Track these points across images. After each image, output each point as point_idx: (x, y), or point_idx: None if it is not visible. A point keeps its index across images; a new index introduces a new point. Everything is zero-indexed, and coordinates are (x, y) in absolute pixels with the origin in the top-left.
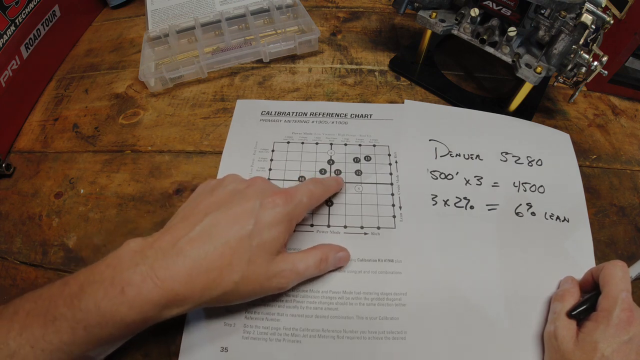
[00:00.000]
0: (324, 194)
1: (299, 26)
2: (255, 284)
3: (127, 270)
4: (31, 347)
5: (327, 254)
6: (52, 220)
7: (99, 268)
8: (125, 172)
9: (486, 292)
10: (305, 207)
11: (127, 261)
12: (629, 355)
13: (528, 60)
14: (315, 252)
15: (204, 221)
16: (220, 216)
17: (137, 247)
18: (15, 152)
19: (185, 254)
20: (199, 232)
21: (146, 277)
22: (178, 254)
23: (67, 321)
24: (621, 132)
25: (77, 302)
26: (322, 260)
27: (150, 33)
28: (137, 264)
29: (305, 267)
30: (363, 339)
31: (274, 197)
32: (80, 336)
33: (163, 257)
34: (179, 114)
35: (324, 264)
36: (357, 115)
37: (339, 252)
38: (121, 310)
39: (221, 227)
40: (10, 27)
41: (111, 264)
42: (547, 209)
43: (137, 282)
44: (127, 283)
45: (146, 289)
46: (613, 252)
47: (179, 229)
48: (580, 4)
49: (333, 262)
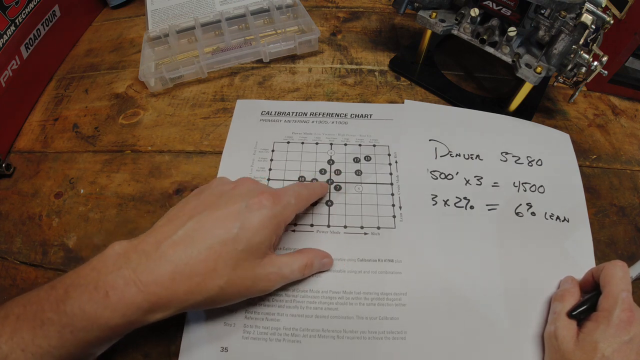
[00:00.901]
0: (310, 197)
1: (299, 26)
2: (241, 288)
3: (111, 274)
4: (22, 351)
5: (312, 260)
6: (52, 220)
7: (84, 271)
8: (125, 172)
9: (486, 292)
10: (293, 209)
11: (111, 265)
12: (630, 355)
13: (528, 60)
14: (302, 257)
15: (187, 224)
16: (205, 219)
17: (121, 250)
18: (15, 152)
19: (168, 257)
20: (181, 235)
21: (129, 281)
22: (160, 258)
23: (54, 325)
24: (621, 132)
25: (62, 307)
26: (307, 265)
27: (150, 33)
28: (121, 267)
29: (290, 272)
30: (363, 339)
31: (260, 197)
32: (68, 340)
33: (146, 261)
34: (179, 114)
35: (308, 269)
36: (357, 115)
37: (324, 258)
38: (105, 314)
39: (205, 231)
40: (10, 27)
41: (96, 267)
42: (547, 209)
43: (120, 286)
44: (110, 287)
45: (129, 293)
46: (613, 252)
47: (163, 232)
48: (580, 4)
49: (317, 267)
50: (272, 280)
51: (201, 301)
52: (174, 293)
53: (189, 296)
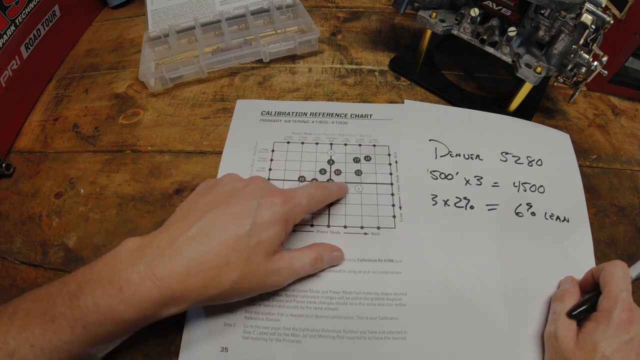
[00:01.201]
0: (325, 198)
1: (299, 26)
2: (252, 283)
3: (126, 269)
4: (30, 346)
5: (322, 253)
6: (52, 220)
7: (98, 267)
8: (125, 172)
9: (486, 292)
10: (303, 209)
11: (125, 260)
12: (630, 355)
13: (528, 60)
14: (311, 251)
15: (202, 220)
16: (218, 215)
17: (134, 246)
18: (15, 152)
19: (183, 252)
20: (196, 230)
21: (144, 276)
22: (176, 253)
23: (66, 320)
24: (621, 132)
25: (75, 301)
26: (317, 259)
27: (150, 33)
28: (135, 262)
29: (301, 265)
30: (363, 339)
31: (272, 197)
32: (80, 335)
33: (161, 256)
34: (179, 114)
35: (319, 262)
36: (357, 115)
37: (334, 251)
38: (119, 308)
39: (219, 226)
40: (10, 27)
41: (109, 263)
42: (547, 209)
43: (135, 281)
44: (125, 282)
45: (144, 287)
46: (613, 252)
47: (177, 228)
48: (580, 4)
49: (328, 260)
50: (283, 275)
51: (215, 295)
52: (188, 287)
53: (203, 290)
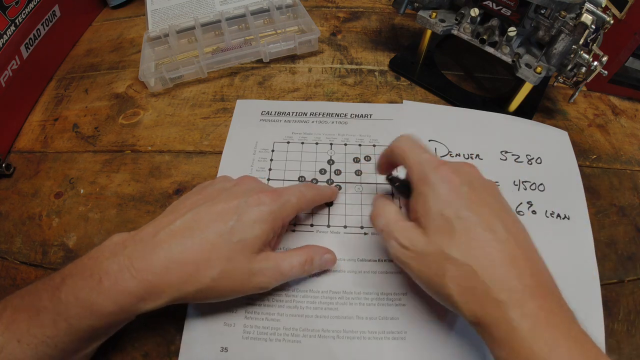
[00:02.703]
0: (316, 198)
1: (299, 26)
2: (235, 282)
3: (106, 260)
4: (18, 342)
5: (313, 255)
6: (52, 220)
7: (82, 261)
8: (125, 172)
9: None
10: (293, 207)
11: (108, 252)
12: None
13: (528, 60)
14: (301, 252)
15: (187, 215)
16: (204, 211)
17: (119, 240)
18: (15, 152)
19: (164, 246)
20: (180, 225)
21: (123, 267)
22: (156, 245)
23: (49, 313)
24: (621, 132)
25: (58, 294)
26: (307, 261)
27: (150, 33)
28: (117, 254)
29: (290, 267)
30: (363, 339)
31: (260, 195)
32: (63, 329)
33: (142, 248)
34: (179, 114)
35: (309, 265)
36: (357, 115)
37: (325, 254)
38: (98, 300)
39: (203, 222)
40: (10, 27)
41: (93, 256)
42: (548, 207)
43: (114, 272)
44: (104, 273)
45: (122, 278)
46: (613, 252)
47: (162, 222)
48: (580, 4)
49: (319, 263)
50: (268, 276)
51: (194, 292)
52: (167, 281)
53: (181, 285)
